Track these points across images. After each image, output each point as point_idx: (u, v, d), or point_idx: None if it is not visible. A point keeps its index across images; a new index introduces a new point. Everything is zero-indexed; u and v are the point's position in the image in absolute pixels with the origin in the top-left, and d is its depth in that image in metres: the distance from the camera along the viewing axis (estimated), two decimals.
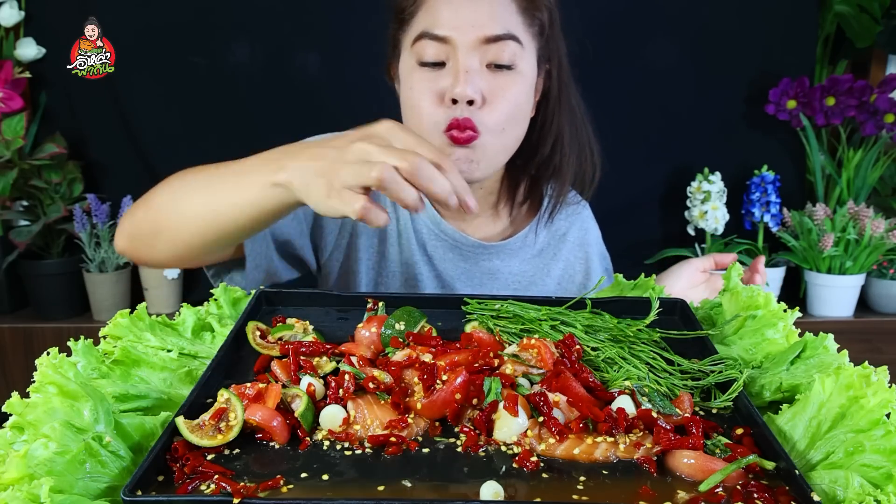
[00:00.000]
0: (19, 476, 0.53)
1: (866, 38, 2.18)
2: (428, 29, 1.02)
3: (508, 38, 1.02)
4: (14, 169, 2.03)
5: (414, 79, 1.05)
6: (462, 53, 1.01)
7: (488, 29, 1.00)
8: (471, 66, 1.00)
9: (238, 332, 0.82)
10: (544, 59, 1.11)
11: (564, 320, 0.84)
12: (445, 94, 1.02)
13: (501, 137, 1.06)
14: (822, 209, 2.17)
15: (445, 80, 1.02)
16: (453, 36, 1.01)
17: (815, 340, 0.74)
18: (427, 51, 1.02)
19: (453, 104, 1.01)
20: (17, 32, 2.12)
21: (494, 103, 1.02)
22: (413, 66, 1.05)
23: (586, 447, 0.61)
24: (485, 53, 1.01)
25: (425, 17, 1.04)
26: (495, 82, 1.02)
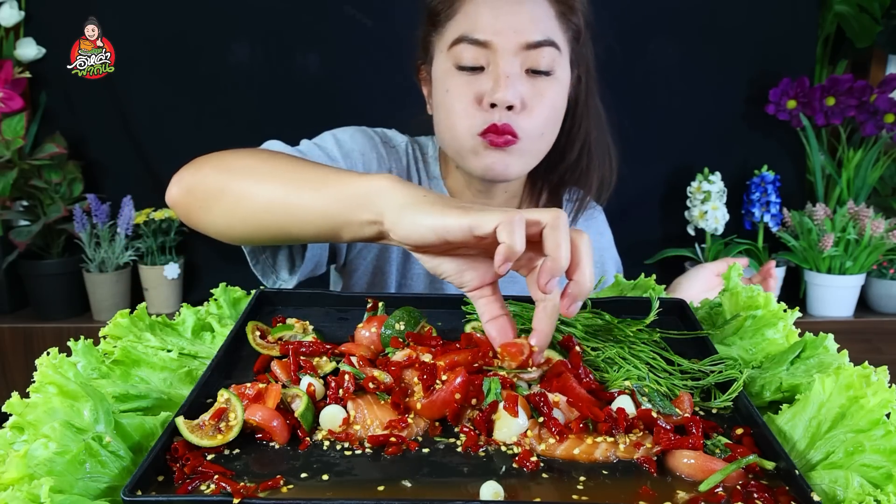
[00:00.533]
0: (19, 476, 0.53)
1: (866, 38, 2.18)
2: (467, 33, 1.02)
3: (548, 45, 1.02)
4: (14, 169, 2.03)
5: (451, 82, 1.04)
6: (503, 59, 1.00)
7: (529, 35, 1.00)
8: (511, 71, 1.00)
9: (238, 332, 0.82)
10: (576, 64, 1.11)
11: (564, 320, 0.84)
12: (484, 97, 1.01)
13: (539, 142, 1.07)
14: (822, 209, 2.17)
15: (484, 84, 1.02)
16: (494, 41, 1.00)
17: (815, 340, 0.74)
18: (466, 55, 1.02)
19: (491, 108, 1.01)
20: (17, 32, 2.12)
21: (534, 109, 1.03)
22: (449, 69, 1.04)
23: (586, 447, 0.61)
24: (525, 59, 1.01)
25: (464, 20, 1.03)
26: (534, 88, 1.03)
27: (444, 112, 1.07)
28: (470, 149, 1.05)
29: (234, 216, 0.89)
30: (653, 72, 2.22)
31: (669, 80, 2.23)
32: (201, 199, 0.92)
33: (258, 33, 2.15)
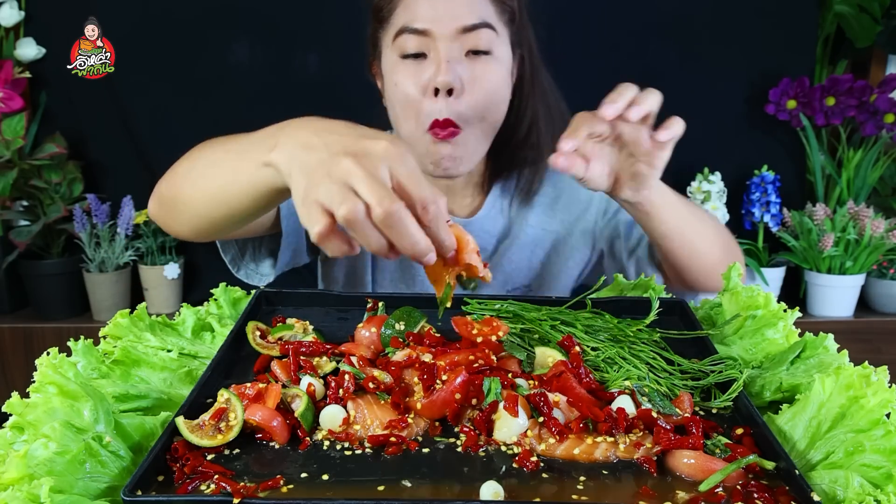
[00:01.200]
0: (19, 476, 0.53)
1: (866, 38, 2.17)
2: (408, 24, 1.07)
3: (484, 27, 1.07)
4: (14, 169, 2.03)
5: (398, 72, 1.09)
6: (442, 44, 1.06)
7: (465, 19, 1.06)
8: (452, 55, 1.06)
9: (238, 332, 0.82)
10: (517, 45, 1.16)
11: (564, 320, 0.84)
12: (428, 84, 1.06)
13: (482, 126, 1.11)
14: (822, 209, 2.17)
15: (428, 70, 1.07)
16: (432, 28, 1.06)
17: (815, 340, 0.74)
18: (409, 44, 1.07)
19: (435, 95, 1.06)
20: (17, 32, 2.12)
21: (474, 89, 1.08)
22: (396, 60, 1.10)
23: (586, 447, 0.61)
24: (463, 42, 1.07)
25: (404, 13, 1.08)
26: (474, 69, 1.08)
27: (397, 104, 1.12)
28: (423, 146, 1.11)
29: (191, 215, 0.96)
30: (653, 72, 2.22)
31: (669, 80, 2.22)
32: (167, 209, 1.01)
33: (258, 33, 2.14)
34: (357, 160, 0.67)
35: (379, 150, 0.68)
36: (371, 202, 0.65)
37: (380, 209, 0.64)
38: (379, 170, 0.67)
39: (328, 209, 0.66)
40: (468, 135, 1.09)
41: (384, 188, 0.66)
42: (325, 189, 0.66)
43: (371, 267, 1.27)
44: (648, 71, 2.22)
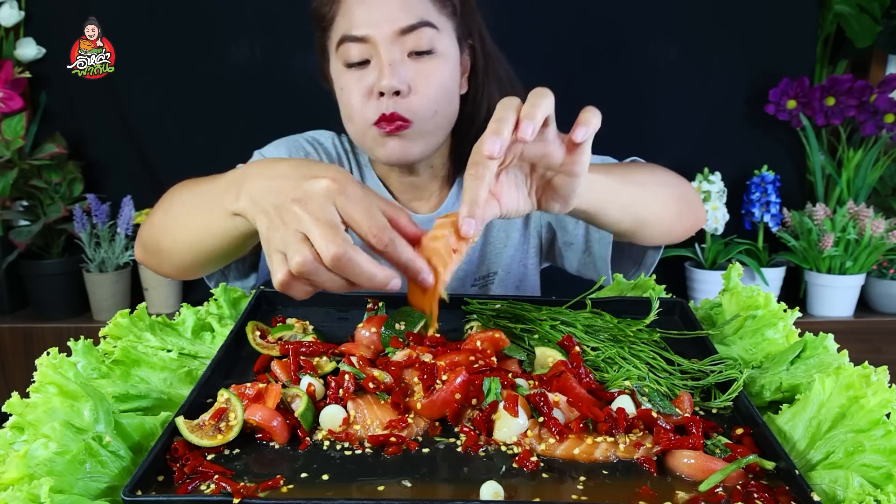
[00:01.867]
0: (19, 476, 0.53)
1: (866, 38, 2.17)
2: (347, 32, 1.07)
3: (423, 26, 1.06)
4: (14, 169, 2.03)
5: (344, 80, 1.10)
6: (382, 48, 1.05)
7: (402, 21, 1.05)
8: (393, 58, 1.05)
9: (238, 332, 0.82)
10: (464, 36, 1.15)
11: (564, 320, 0.84)
12: (373, 88, 1.06)
13: (434, 119, 1.10)
14: (822, 209, 2.17)
15: (371, 75, 1.07)
16: (371, 34, 1.05)
17: (815, 340, 0.74)
18: (351, 52, 1.07)
19: (381, 97, 1.06)
20: (17, 32, 2.12)
21: (421, 89, 1.07)
22: (341, 68, 1.10)
23: (586, 447, 0.61)
24: (404, 44, 1.06)
25: (343, 20, 1.08)
26: (419, 69, 1.07)
27: (343, 109, 1.13)
28: (371, 139, 1.11)
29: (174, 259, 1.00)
30: (653, 72, 2.22)
31: (669, 80, 2.23)
32: (152, 255, 1.05)
33: (257, 33, 2.15)
34: (302, 205, 0.69)
35: (320, 189, 0.70)
36: (320, 248, 0.67)
37: (328, 254, 0.66)
38: (325, 211, 0.69)
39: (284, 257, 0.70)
40: (419, 127, 1.09)
41: (331, 230, 0.67)
42: (279, 237, 0.70)
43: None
44: (649, 71, 2.22)
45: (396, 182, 1.25)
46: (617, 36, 2.18)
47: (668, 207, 1.03)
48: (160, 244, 1.00)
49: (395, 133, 1.08)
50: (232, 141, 1.33)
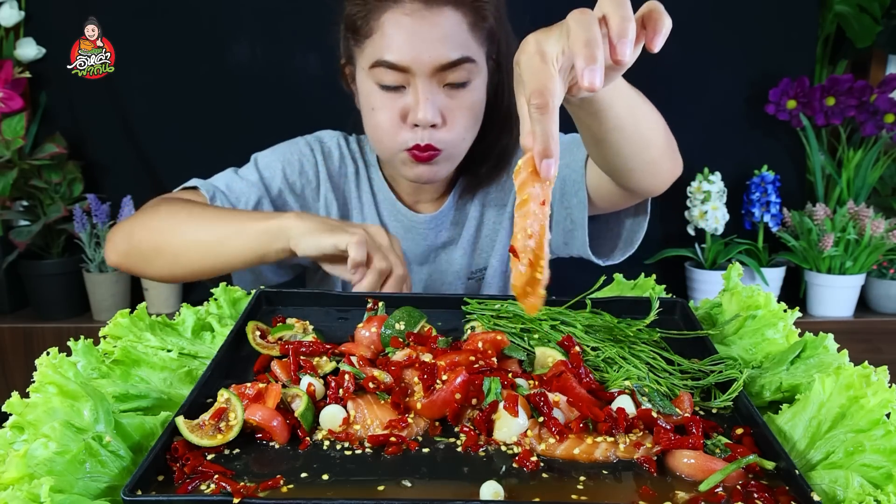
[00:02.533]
0: (19, 476, 0.53)
1: (866, 38, 2.17)
2: (384, 57, 1.06)
3: (464, 62, 1.07)
4: (14, 169, 2.03)
5: (375, 101, 1.10)
6: (420, 81, 1.06)
7: (445, 55, 1.05)
8: (430, 90, 1.07)
9: (238, 332, 0.82)
10: (491, 53, 1.15)
11: (564, 320, 0.84)
12: (408, 115, 1.08)
13: (462, 144, 1.14)
14: (822, 209, 2.17)
15: (407, 100, 1.08)
16: (411, 66, 1.05)
17: (815, 340, 0.74)
18: (386, 77, 1.07)
19: (414, 127, 1.09)
20: (17, 32, 2.12)
21: (453, 121, 1.10)
22: (373, 88, 1.10)
23: (586, 447, 0.60)
24: (442, 78, 1.07)
25: (380, 42, 1.07)
26: (452, 101, 1.09)
27: (371, 127, 1.14)
28: (400, 161, 1.14)
29: (175, 264, 1.11)
30: (652, 72, 2.21)
31: (669, 80, 2.22)
32: (140, 259, 1.13)
33: (258, 33, 2.14)
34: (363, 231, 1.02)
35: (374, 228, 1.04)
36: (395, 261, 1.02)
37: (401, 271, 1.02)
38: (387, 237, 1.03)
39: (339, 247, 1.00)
40: (448, 154, 1.12)
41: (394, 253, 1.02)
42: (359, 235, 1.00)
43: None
44: (648, 71, 2.22)
45: (405, 185, 1.28)
46: None
47: (659, 130, 0.99)
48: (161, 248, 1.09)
49: (426, 161, 1.11)
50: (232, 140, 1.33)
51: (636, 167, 0.98)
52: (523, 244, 0.67)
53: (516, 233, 0.67)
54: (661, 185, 1.06)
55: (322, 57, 2.17)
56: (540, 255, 0.66)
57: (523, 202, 0.68)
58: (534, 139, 0.65)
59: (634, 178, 1.01)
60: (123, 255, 1.14)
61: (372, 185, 1.31)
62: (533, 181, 0.67)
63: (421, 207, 1.30)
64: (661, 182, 1.05)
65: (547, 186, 0.67)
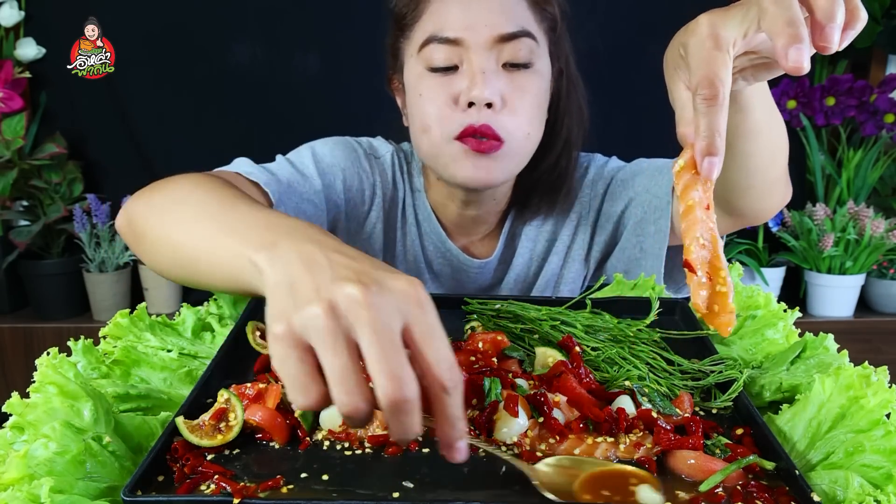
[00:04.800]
0: (19, 476, 0.53)
1: (866, 38, 2.18)
2: (436, 32, 0.95)
3: (524, 35, 0.95)
4: (14, 169, 2.03)
5: (423, 85, 0.97)
6: (476, 54, 0.94)
7: (502, 27, 0.94)
8: (487, 66, 0.94)
9: (238, 332, 0.82)
10: (556, 56, 1.04)
11: (564, 320, 0.84)
12: (460, 97, 0.94)
13: (525, 143, 0.99)
14: (822, 209, 2.17)
15: (460, 83, 0.95)
16: (465, 37, 0.94)
17: (815, 340, 0.74)
18: (436, 55, 0.95)
19: (469, 108, 0.94)
20: (17, 32, 2.12)
21: (515, 105, 0.95)
22: (422, 72, 0.98)
23: (586, 447, 0.60)
24: (500, 53, 0.95)
25: (431, 20, 0.97)
26: (514, 83, 0.96)
27: (418, 118, 0.99)
28: (449, 156, 0.97)
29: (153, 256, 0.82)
30: (653, 72, 2.22)
31: None
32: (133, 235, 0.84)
33: (258, 33, 2.15)
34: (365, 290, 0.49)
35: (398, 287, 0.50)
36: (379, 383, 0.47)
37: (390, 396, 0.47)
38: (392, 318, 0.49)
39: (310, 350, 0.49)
40: (511, 149, 0.96)
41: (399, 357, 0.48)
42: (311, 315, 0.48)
43: None
44: (648, 71, 2.22)
45: (454, 214, 1.11)
46: (617, 36, 2.17)
47: (786, 149, 0.92)
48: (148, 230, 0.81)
49: (486, 153, 0.95)
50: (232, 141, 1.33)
51: (756, 184, 0.90)
52: (698, 255, 0.61)
53: (688, 244, 0.62)
54: (770, 211, 0.98)
55: (322, 57, 2.17)
56: (718, 265, 0.62)
57: (689, 209, 0.62)
58: (697, 134, 0.59)
59: (750, 197, 0.92)
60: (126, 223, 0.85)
61: (417, 215, 1.14)
62: (695, 183, 0.62)
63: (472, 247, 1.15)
64: (772, 207, 0.97)
65: (709, 188, 0.62)
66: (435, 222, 1.13)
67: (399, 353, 0.48)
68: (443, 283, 1.18)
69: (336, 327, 0.48)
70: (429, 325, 0.50)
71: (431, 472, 0.59)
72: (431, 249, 1.15)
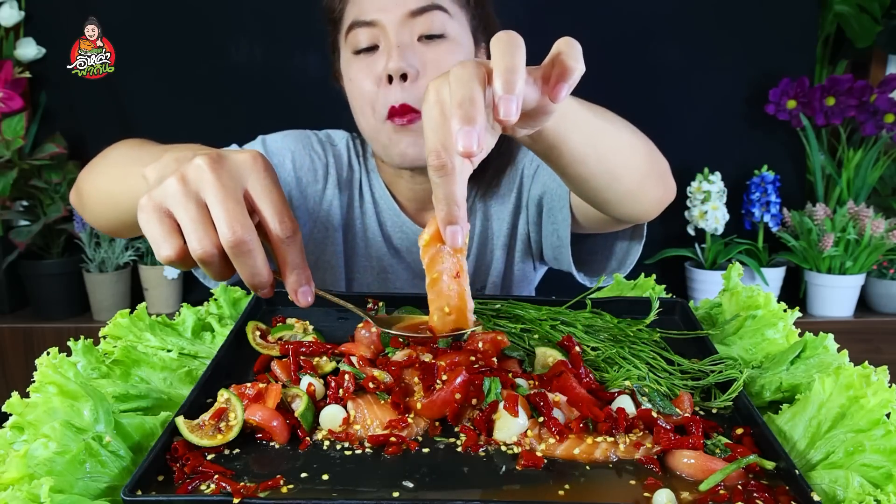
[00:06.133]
0: (19, 476, 0.53)
1: (866, 38, 2.18)
2: (357, 17, 1.05)
3: (434, 9, 1.03)
4: (14, 169, 2.03)
5: (352, 70, 1.07)
6: (391, 31, 1.02)
7: (412, 3, 1.02)
8: (402, 41, 1.02)
9: (238, 332, 0.82)
10: (480, 33, 1.12)
11: (564, 320, 0.84)
12: (382, 74, 1.03)
13: None
14: (822, 209, 2.17)
15: (381, 61, 1.03)
16: (380, 18, 1.03)
17: (815, 340, 0.74)
18: (359, 38, 1.04)
19: (389, 83, 1.02)
20: (17, 32, 2.12)
21: (429, 73, 1.03)
22: (350, 57, 1.07)
23: (586, 447, 0.61)
24: (413, 27, 1.03)
25: (353, 8, 1.06)
26: (429, 53, 1.04)
27: (354, 101, 1.09)
28: (385, 137, 1.06)
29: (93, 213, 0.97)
30: (653, 72, 2.22)
31: (669, 80, 2.23)
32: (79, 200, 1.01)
33: (258, 33, 2.15)
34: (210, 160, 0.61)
35: (239, 157, 0.64)
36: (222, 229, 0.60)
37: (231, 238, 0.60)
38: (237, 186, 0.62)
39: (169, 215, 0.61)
40: None
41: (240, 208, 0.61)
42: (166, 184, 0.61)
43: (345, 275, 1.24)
44: (649, 71, 2.22)
45: (405, 189, 1.20)
46: (617, 36, 2.17)
47: (637, 158, 0.88)
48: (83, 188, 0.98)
49: (408, 126, 1.03)
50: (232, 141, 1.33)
51: (610, 199, 0.89)
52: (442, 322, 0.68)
53: (432, 313, 0.68)
54: (646, 214, 0.97)
55: (322, 57, 2.17)
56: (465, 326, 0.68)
57: (434, 281, 0.65)
58: (436, 205, 0.59)
59: (611, 208, 0.92)
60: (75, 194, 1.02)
61: (374, 193, 1.24)
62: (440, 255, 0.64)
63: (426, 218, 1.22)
64: (645, 210, 0.96)
65: (461, 256, 0.64)
66: (389, 199, 1.22)
67: (237, 205, 0.61)
68: (403, 257, 1.23)
69: (186, 190, 0.61)
70: (264, 186, 0.63)
71: (431, 472, 0.59)
72: (389, 225, 1.23)
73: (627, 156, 0.86)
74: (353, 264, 1.23)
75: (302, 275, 0.66)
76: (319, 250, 1.22)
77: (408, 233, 1.21)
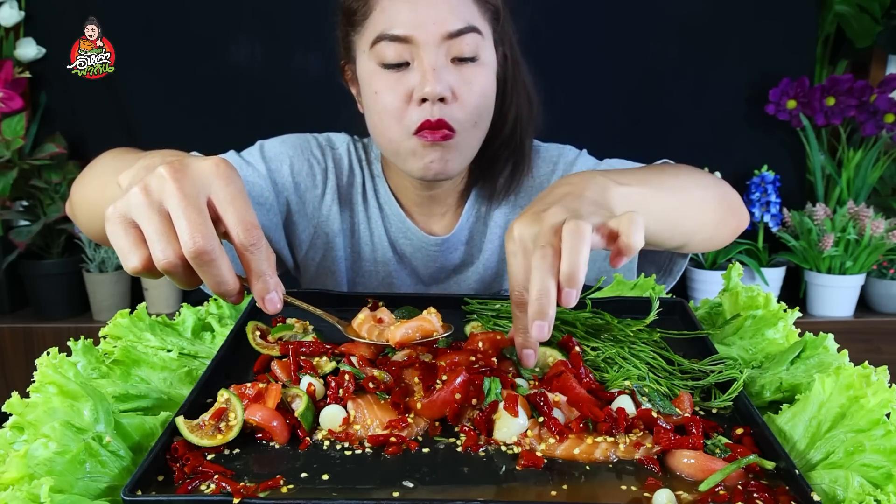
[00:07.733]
0: (19, 476, 0.53)
1: (866, 38, 2.18)
2: (386, 30, 0.99)
3: (470, 31, 1.00)
4: (14, 169, 2.03)
5: (378, 83, 1.02)
6: (426, 52, 0.99)
7: (450, 24, 0.99)
8: (437, 63, 0.99)
9: (238, 332, 0.82)
10: (499, 42, 1.09)
11: (564, 320, 0.84)
12: (413, 93, 1.00)
13: (475, 131, 1.05)
14: (822, 209, 2.17)
15: (412, 79, 1.00)
16: (415, 35, 0.98)
17: (815, 340, 0.74)
18: (388, 52, 1.00)
19: (422, 103, 1.00)
20: (17, 32, 2.12)
21: (464, 97, 1.01)
22: (374, 69, 1.03)
23: (586, 447, 0.61)
24: (449, 48, 1.00)
25: (381, 17, 1.01)
26: (462, 76, 1.01)
27: (376, 115, 1.05)
28: (408, 150, 1.03)
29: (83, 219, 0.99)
30: (653, 72, 2.22)
31: (669, 81, 2.23)
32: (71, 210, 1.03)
33: (258, 33, 2.15)
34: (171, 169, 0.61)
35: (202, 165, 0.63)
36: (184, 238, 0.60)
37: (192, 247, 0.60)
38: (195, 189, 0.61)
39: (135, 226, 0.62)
40: (461, 139, 1.03)
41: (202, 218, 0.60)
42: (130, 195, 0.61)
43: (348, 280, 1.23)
44: (648, 71, 2.22)
45: (413, 195, 1.18)
46: (617, 36, 2.18)
47: (709, 213, 0.95)
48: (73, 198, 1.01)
49: (438, 143, 1.01)
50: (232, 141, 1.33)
51: (689, 245, 0.97)
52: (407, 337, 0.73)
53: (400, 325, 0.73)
54: (721, 245, 1.04)
55: (322, 57, 2.17)
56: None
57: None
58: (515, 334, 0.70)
59: (689, 251, 1.01)
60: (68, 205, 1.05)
61: (378, 198, 1.21)
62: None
63: (432, 225, 1.20)
64: (721, 244, 1.03)
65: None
66: (395, 204, 1.19)
67: (200, 215, 0.60)
68: (408, 262, 1.22)
69: (149, 201, 0.61)
70: (228, 195, 0.63)
71: (431, 472, 0.59)
72: (394, 230, 1.21)
73: (700, 214, 0.93)
74: (357, 269, 1.22)
75: (269, 282, 0.65)
76: (320, 255, 1.21)
77: (410, 237, 1.19)
